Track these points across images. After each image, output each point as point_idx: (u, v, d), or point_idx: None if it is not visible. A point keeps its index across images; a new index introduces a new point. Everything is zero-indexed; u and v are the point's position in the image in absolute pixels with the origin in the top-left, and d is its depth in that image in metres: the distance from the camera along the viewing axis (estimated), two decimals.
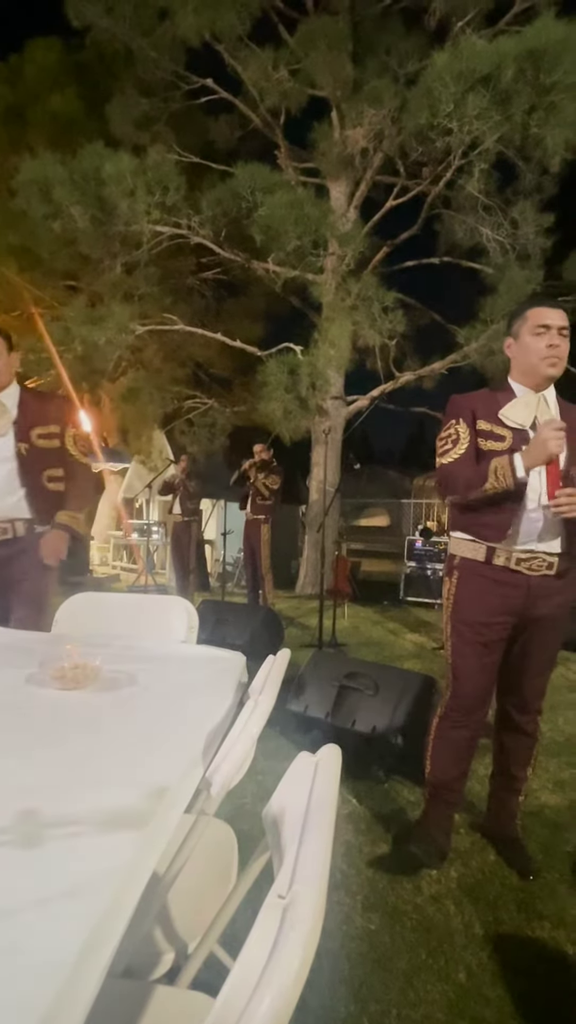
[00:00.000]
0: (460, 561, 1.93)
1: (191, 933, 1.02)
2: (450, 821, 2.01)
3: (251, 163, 7.39)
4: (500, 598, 1.84)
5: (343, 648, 4.90)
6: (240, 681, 1.43)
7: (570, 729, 3.26)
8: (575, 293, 7.70)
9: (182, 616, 1.91)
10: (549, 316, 1.78)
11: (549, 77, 5.63)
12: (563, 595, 1.86)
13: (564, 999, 1.46)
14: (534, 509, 1.78)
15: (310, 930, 0.47)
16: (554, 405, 1.85)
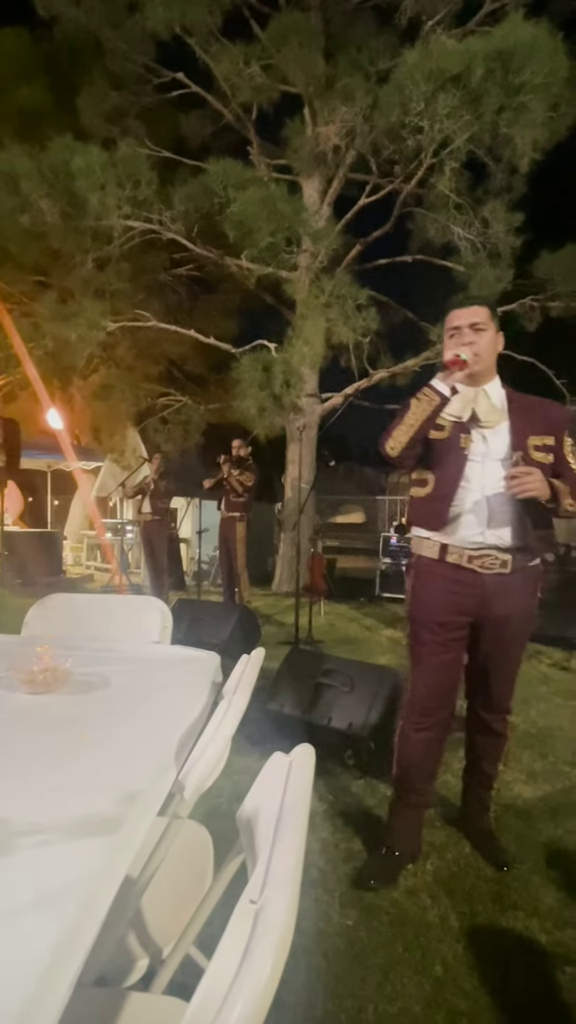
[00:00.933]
0: (416, 559, 1.94)
1: (166, 937, 1.01)
2: (420, 820, 1.99)
3: (223, 159, 7.33)
4: (454, 597, 1.84)
5: (319, 645, 4.91)
6: (215, 681, 1.42)
7: (543, 721, 3.32)
8: (545, 292, 7.84)
9: (155, 616, 1.89)
10: (456, 318, 1.83)
11: (517, 78, 5.70)
12: (522, 597, 1.85)
13: (538, 987, 1.49)
14: (477, 500, 1.79)
15: (282, 935, 0.46)
16: (499, 395, 1.87)
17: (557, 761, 2.79)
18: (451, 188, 6.93)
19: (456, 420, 1.84)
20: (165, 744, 0.98)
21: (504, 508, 1.77)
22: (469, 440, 1.83)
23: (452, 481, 1.80)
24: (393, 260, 8.84)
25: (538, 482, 1.66)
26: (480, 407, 1.83)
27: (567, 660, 4.55)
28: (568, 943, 1.62)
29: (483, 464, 1.80)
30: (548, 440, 1.81)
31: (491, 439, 1.82)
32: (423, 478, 1.89)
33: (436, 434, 1.84)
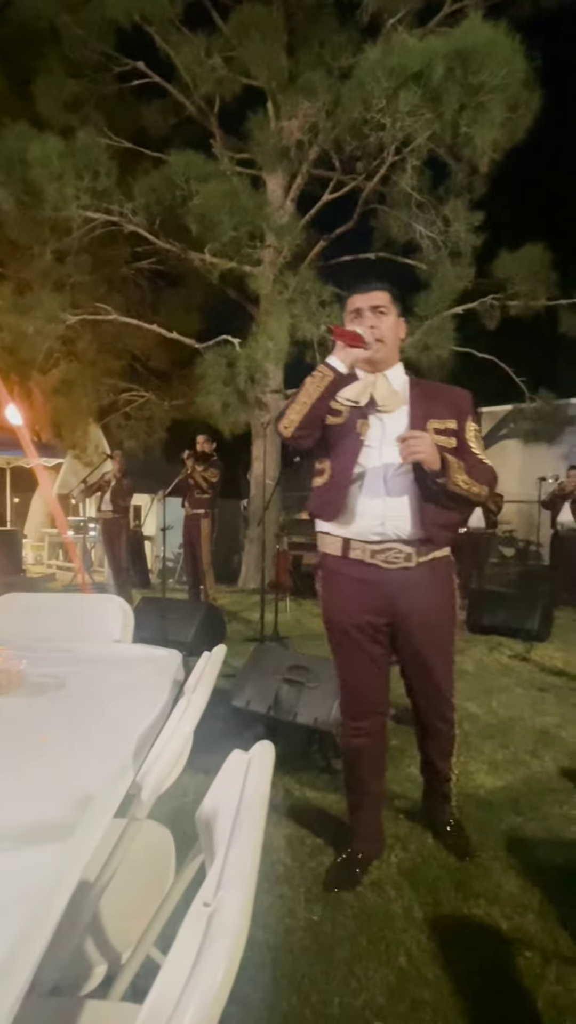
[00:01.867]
0: (322, 558, 1.87)
1: (125, 942, 0.98)
2: (377, 817, 1.96)
3: (185, 151, 7.23)
4: (361, 595, 1.77)
5: (285, 641, 4.91)
6: (176, 680, 1.40)
7: (504, 712, 3.39)
8: (504, 291, 7.99)
9: (116, 615, 1.85)
10: (357, 301, 1.79)
11: (477, 77, 5.78)
12: (433, 591, 1.78)
13: (500, 973, 1.51)
14: (374, 487, 1.73)
15: (235, 938, 0.45)
16: (401, 381, 1.82)
17: (518, 750, 2.85)
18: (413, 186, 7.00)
19: (353, 405, 1.77)
20: (123, 744, 0.95)
21: (402, 495, 1.72)
22: (366, 425, 1.76)
23: (347, 468, 1.74)
24: (356, 257, 8.87)
25: (427, 446, 1.62)
26: (379, 391, 1.77)
27: (527, 651, 4.66)
28: (528, 928, 1.65)
29: (380, 450, 1.74)
30: (450, 424, 1.77)
31: (389, 423, 1.77)
32: (321, 467, 1.83)
33: (333, 420, 1.78)
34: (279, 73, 7.35)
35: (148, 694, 1.21)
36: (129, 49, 8.26)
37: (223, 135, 8.47)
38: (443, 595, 1.83)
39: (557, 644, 5.02)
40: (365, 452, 1.75)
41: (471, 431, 1.81)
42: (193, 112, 8.43)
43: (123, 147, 7.91)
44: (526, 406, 8.72)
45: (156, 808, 2.15)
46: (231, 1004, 1.37)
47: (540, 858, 1.97)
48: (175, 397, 9.68)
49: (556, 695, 3.70)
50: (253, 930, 1.71)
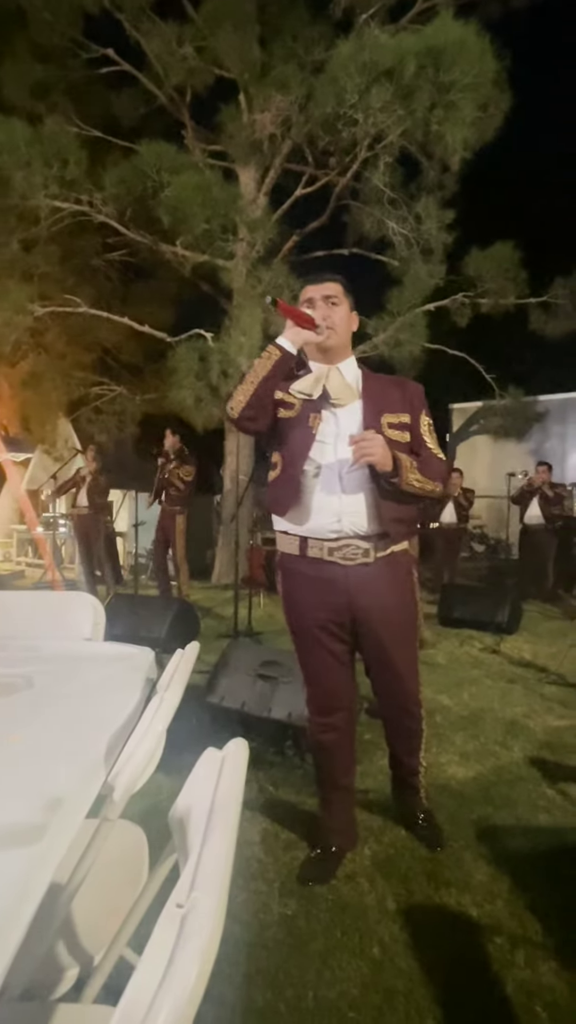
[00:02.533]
0: (280, 557, 1.86)
1: (98, 944, 0.97)
2: (350, 811, 1.98)
3: (156, 141, 7.13)
4: (320, 594, 1.76)
5: (259, 637, 4.90)
6: (149, 677, 1.38)
7: (474, 704, 3.45)
8: (475, 289, 8.08)
9: (87, 612, 1.82)
10: (310, 291, 1.78)
11: (448, 76, 5.82)
12: (391, 586, 1.77)
13: (471, 960, 1.54)
14: (328, 482, 1.71)
15: (208, 939, 0.45)
16: (354, 374, 1.81)
17: (488, 741, 2.90)
18: (385, 183, 7.02)
19: (306, 398, 1.75)
20: (94, 745, 0.94)
21: (358, 491, 1.70)
22: (318, 419, 1.74)
23: (298, 462, 1.72)
24: (330, 252, 8.88)
25: (379, 448, 1.60)
26: (331, 384, 1.75)
27: (497, 644, 4.75)
28: (497, 915, 1.69)
29: (335, 445, 1.72)
30: (404, 418, 1.77)
31: (342, 418, 1.74)
32: (274, 461, 1.80)
33: (285, 412, 1.76)
34: (251, 65, 7.29)
35: (120, 693, 1.19)
36: (99, 35, 8.11)
37: (195, 126, 8.37)
38: (402, 590, 1.82)
39: (525, 636, 5.12)
40: (318, 447, 1.72)
41: (425, 424, 1.81)
42: (164, 102, 8.31)
43: (92, 136, 7.76)
44: (496, 403, 8.86)
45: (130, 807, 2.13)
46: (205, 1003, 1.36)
47: (509, 846, 2.02)
48: (147, 391, 9.56)
49: (524, 686, 3.78)
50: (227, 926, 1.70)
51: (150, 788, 2.18)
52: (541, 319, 8.49)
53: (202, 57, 7.58)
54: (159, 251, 7.87)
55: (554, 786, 2.44)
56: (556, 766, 2.63)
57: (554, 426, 9.02)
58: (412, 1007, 1.39)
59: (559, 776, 2.52)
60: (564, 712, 3.31)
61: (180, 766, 0.83)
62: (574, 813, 2.24)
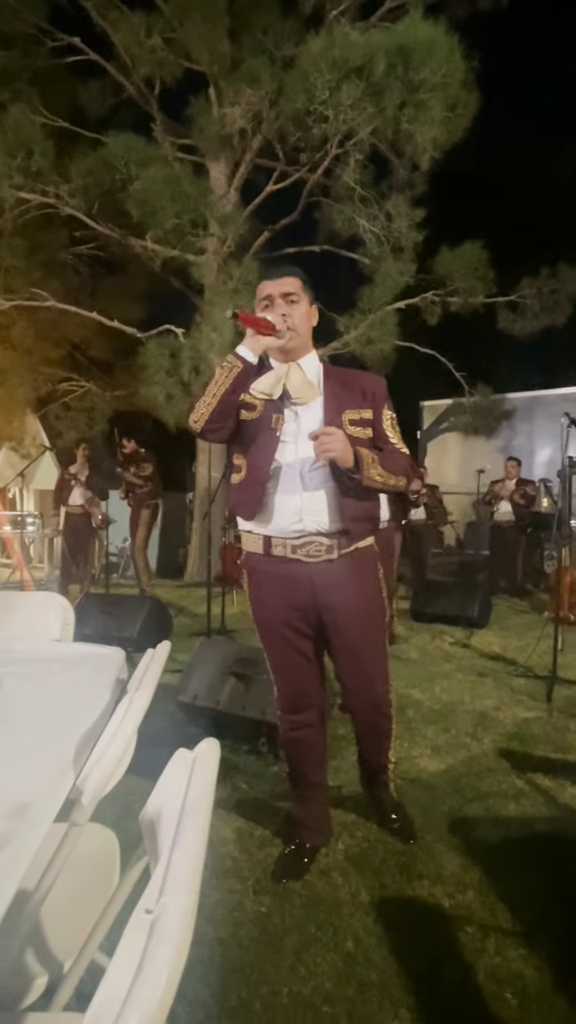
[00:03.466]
0: (245, 556, 1.85)
1: (68, 950, 0.96)
2: (323, 807, 1.98)
3: (125, 133, 7.02)
4: (285, 592, 1.76)
5: (233, 635, 4.89)
6: (119, 678, 1.36)
7: (446, 697, 3.49)
8: (445, 288, 8.17)
9: (56, 612, 1.79)
10: (267, 288, 1.74)
11: (417, 75, 5.86)
12: (357, 582, 1.77)
13: (443, 950, 1.56)
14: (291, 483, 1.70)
15: (177, 945, 0.44)
16: (315, 370, 1.79)
17: (459, 734, 2.94)
18: (356, 180, 7.04)
19: (267, 398, 1.73)
20: (62, 748, 0.92)
21: (319, 489, 1.70)
22: (281, 420, 1.72)
23: (263, 464, 1.70)
24: (301, 249, 8.87)
25: (340, 443, 1.59)
26: (291, 383, 1.73)
27: (467, 638, 4.82)
28: (469, 905, 1.72)
29: (296, 444, 1.70)
30: (365, 413, 1.76)
31: (303, 416, 1.73)
32: (238, 463, 1.79)
33: (248, 414, 1.74)
34: (221, 58, 7.23)
35: (89, 694, 1.17)
36: (65, 23, 7.94)
37: (164, 119, 8.26)
38: (368, 585, 1.81)
39: (495, 630, 5.21)
40: (281, 447, 1.71)
41: (387, 419, 1.80)
42: (133, 93, 8.19)
43: (59, 126, 7.60)
44: (465, 400, 8.97)
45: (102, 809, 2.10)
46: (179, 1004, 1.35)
47: (480, 836, 2.05)
48: (117, 387, 9.43)
49: (494, 679, 3.85)
50: (201, 926, 1.70)
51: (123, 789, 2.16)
52: (509, 318, 8.62)
53: (171, 48, 7.49)
54: (128, 245, 7.76)
55: (523, 776, 2.49)
56: (525, 756, 2.69)
57: (521, 423, 9.17)
58: (385, 998, 1.41)
59: (527, 766, 2.57)
60: (532, 704, 3.38)
61: (154, 767, 0.82)
62: (542, 802, 2.29)
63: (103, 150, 6.93)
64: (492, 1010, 1.39)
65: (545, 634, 4.02)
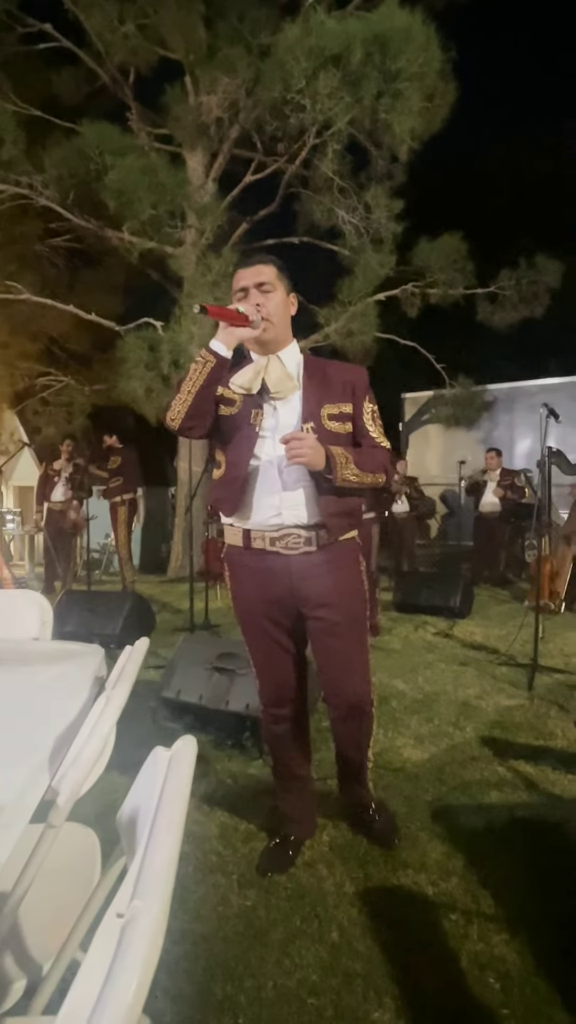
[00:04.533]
0: (227, 550, 1.83)
1: (47, 953, 0.94)
2: (308, 799, 1.97)
3: (99, 122, 6.91)
4: (264, 585, 1.74)
5: (217, 629, 4.88)
6: (97, 676, 1.34)
7: (428, 687, 3.52)
8: (424, 279, 8.18)
9: (33, 610, 1.77)
10: (242, 278, 1.70)
11: (394, 64, 5.83)
12: (337, 573, 1.74)
13: (427, 938, 1.57)
14: (269, 479, 1.69)
15: (148, 949, 0.43)
16: (295, 363, 1.75)
17: (442, 723, 2.97)
18: (334, 171, 7.01)
19: (246, 393, 1.69)
20: (37, 748, 0.90)
21: (297, 484, 1.68)
22: (260, 415, 1.69)
23: (242, 461, 1.68)
24: (280, 241, 8.82)
25: (309, 449, 1.57)
26: (271, 377, 1.69)
27: (450, 628, 4.86)
28: (452, 892, 1.73)
29: (274, 439, 1.67)
30: (345, 407, 1.73)
31: (282, 411, 1.70)
32: (219, 459, 1.76)
33: (226, 410, 1.71)
34: (196, 46, 7.13)
35: (66, 692, 1.15)
36: (36, 9, 7.77)
37: (140, 108, 8.14)
38: (349, 577, 1.78)
39: (477, 620, 5.26)
40: (260, 443, 1.68)
41: (368, 413, 1.77)
42: (107, 82, 8.05)
43: (31, 115, 7.46)
44: (446, 392, 9.01)
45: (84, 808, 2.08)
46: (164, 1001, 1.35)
47: (463, 824, 2.07)
48: (96, 382, 9.32)
49: (476, 668, 3.88)
50: (186, 922, 1.70)
51: (105, 787, 2.14)
52: (488, 310, 8.67)
53: (145, 36, 7.36)
54: (105, 237, 7.66)
55: (504, 763, 2.51)
56: (507, 744, 2.72)
57: (502, 415, 9.24)
58: (370, 988, 1.41)
59: (509, 754, 2.60)
60: (514, 692, 3.42)
61: (137, 764, 0.81)
62: (524, 789, 2.32)
63: (77, 139, 6.82)
64: (475, 994, 1.40)
65: (526, 623, 4.06)
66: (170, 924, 1.55)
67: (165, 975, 1.43)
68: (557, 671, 3.72)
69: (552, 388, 8.28)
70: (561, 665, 3.86)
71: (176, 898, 1.68)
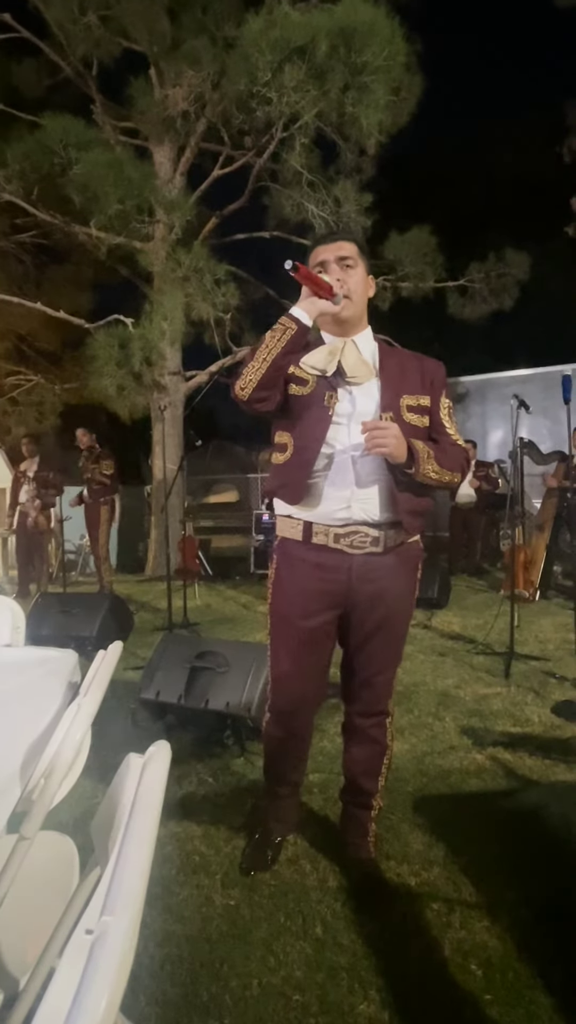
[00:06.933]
0: (279, 542, 1.71)
1: (23, 966, 0.92)
2: (296, 802, 1.94)
3: (63, 115, 6.78)
4: (319, 584, 1.62)
5: (196, 628, 4.85)
6: (71, 682, 1.32)
7: (408, 678, 3.54)
8: (395, 273, 8.21)
9: (4, 616, 1.72)
10: (321, 253, 1.63)
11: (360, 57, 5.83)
12: (396, 579, 1.65)
13: (410, 927, 1.59)
14: (342, 467, 1.59)
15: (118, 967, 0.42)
16: (370, 349, 1.67)
17: (422, 714, 2.99)
18: (302, 164, 6.99)
19: (320, 374, 1.59)
20: (7, 759, 0.88)
21: (371, 477, 1.58)
22: (334, 398, 1.58)
23: (313, 445, 1.57)
24: (251, 235, 8.77)
25: (393, 439, 1.48)
26: (347, 360, 1.59)
27: (428, 619, 4.91)
28: (434, 882, 1.75)
29: (349, 426, 1.58)
30: (423, 400, 1.64)
31: (359, 398, 1.60)
32: (283, 442, 1.65)
33: (297, 389, 1.60)
34: (160, 37, 7.03)
35: (38, 700, 1.13)
36: None
37: (104, 101, 8.01)
38: (407, 584, 1.69)
39: (455, 610, 5.32)
40: (333, 428, 1.57)
41: (445, 408, 1.68)
42: (70, 74, 7.91)
43: None
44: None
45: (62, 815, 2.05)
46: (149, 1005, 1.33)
47: (443, 814, 2.09)
48: (67, 380, 9.19)
49: (454, 658, 3.93)
50: (170, 924, 1.68)
51: (84, 792, 2.13)
52: (459, 303, 8.75)
53: (107, 27, 7.24)
54: (72, 232, 7.53)
55: (483, 752, 2.55)
56: (485, 732, 2.76)
57: (474, 406, 9.35)
58: (355, 980, 1.42)
59: (487, 742, 2.64)
60: (492, 680, 3.47)
61: (116, 768, 0.79)
62: (502, 776, 2.35)
63: (40, 133, 6.69)
64: (458, 982, 1.42)
65: (502, 612, 4.12)
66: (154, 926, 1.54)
67: (149, 978, 1.41)
68: (533, 658, 3.78)
69: (522, 379, 8.41)
70: (537, 652, 3.92)
71: (160, 900, 1.67)
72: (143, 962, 1.45)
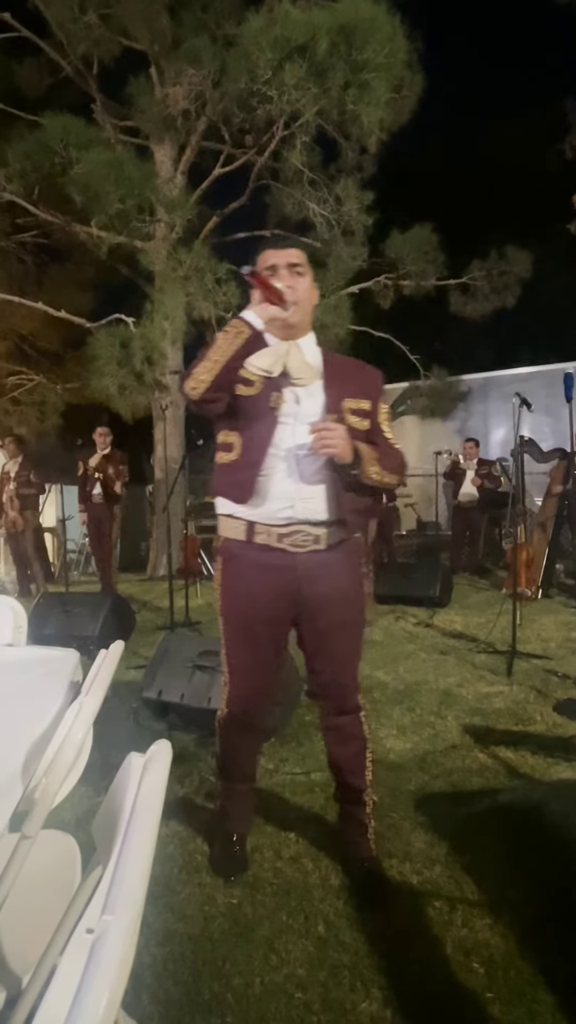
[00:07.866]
0: (222, 543, 1.72)
1: (26, 965, 0.92)
2: (251, 797, 1.91)
3: (63, 115, 6.78)
4: (265, 584, 1.64)
5: (198, 627, 4.86)
6: (73, 681, 1.32)
7: (409, 677, 3.55)
8: (397, 271, 8.20)
9: (6, 616, 1.73)
10: (271, 257, 1.65)
11: (361, 54, 5.82)
12: (341, 575, 1.68)
13: (412, 926, 1.59)
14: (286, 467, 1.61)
15: (119, 965, 0.42)
16: (314, 353, 1.71)
17: (423, 712, 2.99)
18: (303, 162, 6.99)
19: (266, 375, 1.62)
20: (8, 759, 0.89)
21: (315, 476, 1.61)
22: (280, 399, 1.62)
23: (260, 445, 1.60)
24: (252, 234, 8.76)
25: (341, 440, 1.52)
26: (292, 362, 1.63)
27: (430, 618, 4.91)
28: (436, 880, 1.75)
29: (293, 427, 1.61)
30: (364, 404, 1.69)
31: (304, 399, 1.64)
32: (229, 441, 1.67)
33: (245, 390, 1.62)
34: (160, 36, 7.03)
35: (39, 700, 1.13)
36: None
37: (105, 100, 8.00)
38: (352, 578, 1.73)
39: (456, 609, 5.32)
40: (279, 429, 1.61)
41: (383, 413, 1.74)
42: (70, 73, 7.90)
43: None
44: (421, 383, 9.07)
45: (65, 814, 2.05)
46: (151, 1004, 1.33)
47: (445, 812, 2.09)
48: (69, 380, 9.19)
49: (456, 657, 3.93)
50: (172, 923, 1.68)
51: (87, 791, 2.13)
52: (460, 301, 8.74)
53: (108, 26, 7.24)
54: (73, 232, 7.53)
55: (485, 750, 2.55)
56: (487, 731, 2.75)
57: (477, 405, 9.34)
58: (357, 978, 1.42)
59: (489, 740, 2.64)
60: (494, 679, 3.47)
61: (119, 767, 0.79)
62: (504, 774, 2.35)
63: (41, 132, 6.69)
64: (460, 980, 1.42)
65: (504, 610, 4.12)
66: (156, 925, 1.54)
67: (152, 977, 1.42)
68: (535, 656, 3.77)
69: (524, 377, 8.39)
70: (539, 651, 3.92)
71: (162, 899, 1.67)
72: (146, 961, 1.46)
